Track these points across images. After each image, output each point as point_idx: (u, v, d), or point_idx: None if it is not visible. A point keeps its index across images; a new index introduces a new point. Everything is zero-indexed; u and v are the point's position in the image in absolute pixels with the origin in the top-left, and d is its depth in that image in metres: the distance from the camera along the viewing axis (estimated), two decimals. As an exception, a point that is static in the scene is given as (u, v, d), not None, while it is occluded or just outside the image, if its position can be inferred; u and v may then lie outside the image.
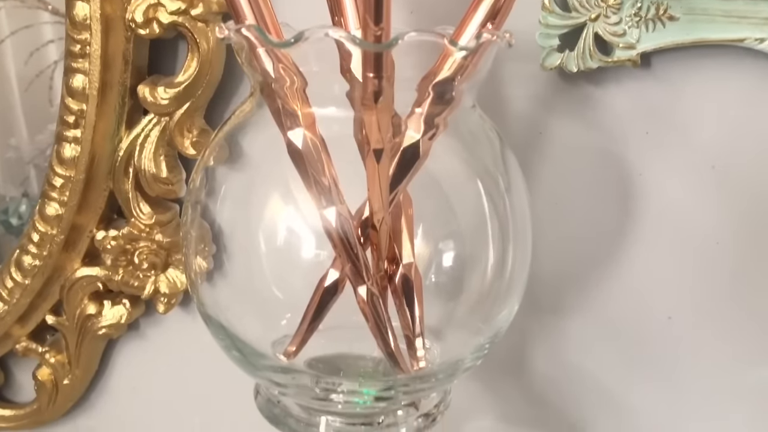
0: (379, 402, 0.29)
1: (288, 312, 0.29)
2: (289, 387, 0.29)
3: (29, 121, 0.49)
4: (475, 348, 0.31)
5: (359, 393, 0.28)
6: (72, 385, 0.50)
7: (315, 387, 0.29)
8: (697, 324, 0.42)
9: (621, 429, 0.45)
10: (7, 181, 0.51)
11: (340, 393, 0.28)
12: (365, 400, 0.28)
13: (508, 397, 0.46)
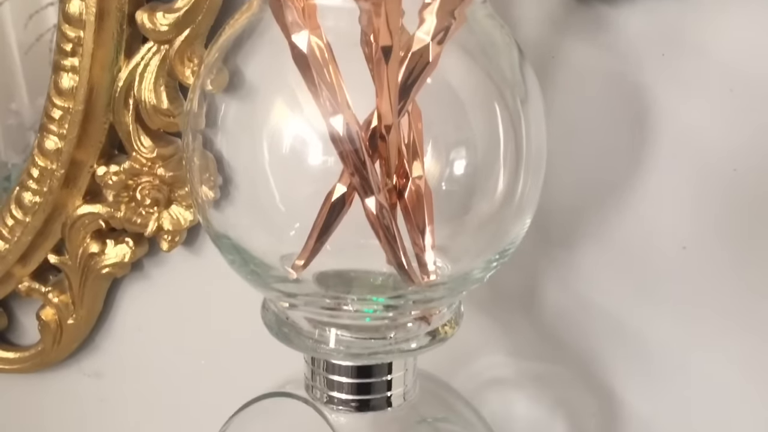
0: (389, 311, 0.28)
1: (296, 222, 0.28)
2: (299, 296, 0.28)
3: (30, 85, 0.48)
4: (484, 263, 0.30)
5: (369, 301, 0.28)
6: (76, 326, 0.50)
7: (325, 296, 0.28)
8: (713, 254, 0.41)
9: (632, 361, 0.44)
10: (8, 148, 0.50)
11: (350, 302, 0.28)
12: (375, 308, 0.27)
13: (518, 331, 0.46)
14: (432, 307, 0.29)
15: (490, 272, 0.30)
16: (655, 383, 0.44)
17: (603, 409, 0.45)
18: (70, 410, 0.56)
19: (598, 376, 0.45)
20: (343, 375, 0.30)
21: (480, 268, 0.30)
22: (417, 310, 0.29)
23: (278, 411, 0.32)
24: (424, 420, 0.35)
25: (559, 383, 0.46)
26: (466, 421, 0.36)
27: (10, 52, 0.48)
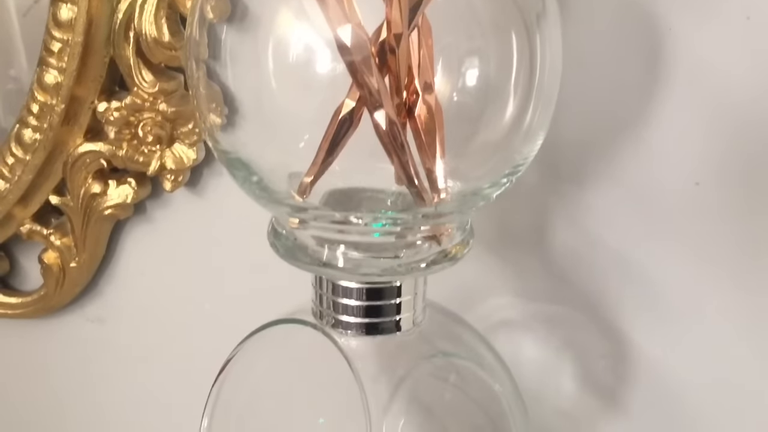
0: (398, 225, 0.27)
1: (305, 134, 0.27)
2: (309, 210, 0.27)
3: (29, 50, 0.47)
4: (495, 180, 0.29)
5: (378, 214, 0.27)
6: (79, 269, 0.49)
7: (334, 210, 0.27)
8: (727, 191, 0.40)
9: (642, 301, 0.43)
10: (8, 113, 0.49)
11: (360, 218, 0.27)
12: (384, 222, 0.27)
13: (527, 272, 0.45)
14: (441, 223, 0.28)
15: (500, 189, 0.29)
16: (665, 323, 0.43)
17: (612, 350, 0.45)
18: (73, 356, 0.55)
19: (607, 317, 0.44)
20: (352, 298, 0.29)
21: (490, 185, 0.29)
22: (426, 225, 0.28)
23: (286, 339, 0.32)
24: (436, 355, 0.34)
25: (567, 325, 0.45)
26: (480, 357, 0.35)
27: (8, 16, 0.47)
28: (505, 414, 0.36)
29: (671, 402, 0.44)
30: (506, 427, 0.36)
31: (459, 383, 0.35)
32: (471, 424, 0.36)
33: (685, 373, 0.43)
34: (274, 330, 0.31)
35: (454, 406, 0.36)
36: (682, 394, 0.44)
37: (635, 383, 0.45)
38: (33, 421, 0.58)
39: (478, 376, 0.35)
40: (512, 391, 0.36)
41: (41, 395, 0.57)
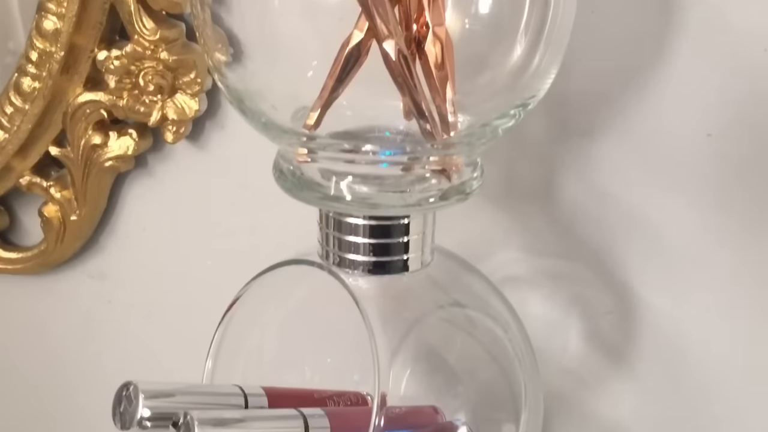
0: (407, 155, 0.26)
1: (314, 60, 0.27)
2: (318, 139, 0.27)
3: (27, 23, 0.46)
4: (505, 113, 0.28)
5: (386, 141, 0.26)
6: (80, 222, 0.49)
7: (343, 142, 0.26)
8: (741, 142, 0.39)
9: (651, 256, 0.42)
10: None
11: (369, 151, 0.26)
12: (393, 151, 0.26)
13: (534, 227, 0.44)
14: (450, 154, 0.27)
15: (510, 121, 0.29)
16: (673, 278, 0.42)
17: (619, 306, 0.44)
18: (74, 313, 0.55)
19: (614, 272, 0.44)
20: (358, 235, 0.29)
21: (499, 117, 0.28)
22: (435, 156, 0.27)
23: (292, 280, 0.31)
24: (446, 303, 0.34)
25: (574, 280, 0.45)
26: (490, 307, 0.35)
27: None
28: (515, 366, 0.36)
29: (678, 358, 0.44)
30: (516, 378, 0.36)
31: (469, 333, 0.35)
32: (481, 373, 0.36)
33: (692, 329, 0.43)
34: (281, 272, 0.31)
35: (463, 355, 0.35)
36: (689, 350, 0.43)
37: (642, 339, 0.44)
38: (33, 377, 0.58)
39: (487, 326, 0.35)
40: (523, 343, 0.36)
41: (41, 352, 0.57)
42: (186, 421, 0.27)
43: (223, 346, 0.33)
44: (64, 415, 0.58)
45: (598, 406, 0.46)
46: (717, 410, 0.43)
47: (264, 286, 0.32)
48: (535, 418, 0.37)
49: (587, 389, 0.46)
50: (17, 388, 0.59)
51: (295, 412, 0.30)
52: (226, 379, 0.32)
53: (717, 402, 0.43)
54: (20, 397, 0.59)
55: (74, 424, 0.58)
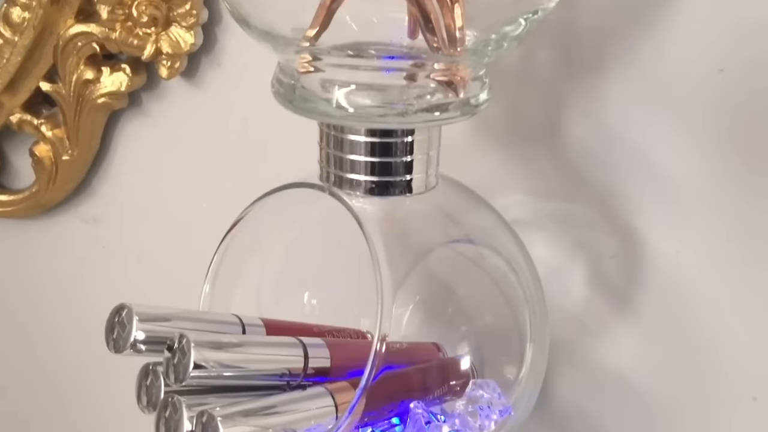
0: (411, 59, 0.25)
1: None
2: (320, 47, 0.25)
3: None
4: (513, 21, 0.27)
5: (390, 48, 0.25)
6: (72, 163, 0.47)
7: (346, 49, 0.25)
8: (752, 78, 0.38)
9: (658, 198, 0.41)
10: None
11: (373, 55, 0.25)
12: (397, 56, 0.25)
13: (538, 168, 0.43)
14: (455, 62, 0.26)
15: (518, 29, 0.27)
16: (680, 222, 0.42)
17: (624, 249, 0.43)
18: (68, 258, 0.54)
19: (620, 215, 0.43)
20: (360, 153, 0.28)
21: (507, 24, 0.27)
22: (440, 64, 0.26)
23: (293, 204, 0.30)
24: (454, 236, 0.33)
25: (579, 223, 0.44)
26: (500, 242, 0.34)
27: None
28: (522, 305, 0.35)
29: (683, 303, 0.43)
30: (523, 318, 0.35)
31: (476, 268, 0.34)
32: (486, 311, 0.35)
33: (697, 274, 0.42)
34: (282, 196, 0.29)
35: (469, 292, 0.34)
36: (694, 296, 0.42)
37: (646, 284, 0.43)
38: (26, 322, 0.57)
39: (496, 263, 0.34)
40: (532, 282, 0.35)
41: (34, 297, 0.56)
42: (182, 344, 0.27)
43: (221, 272, 0.32)
44: (57, 360, 0.57)
45: (601, 352, 0.45)
46: (720, 357, 0.43)
47: (265, 211, 0.30)
48: (540, 360, 0.36)
49: (590, 335, 0.45)
50: (10, 333, 0.58)
51: (295, 341, 0.30)
52: (224, 307, 0.32)
53: (720, 348, 0.42)
54: (13, 342, 0.58)
55: (67, 369, 0.57)
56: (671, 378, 0.44)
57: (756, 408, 0.42)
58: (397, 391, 0.30)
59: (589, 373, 0.45)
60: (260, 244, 0.32)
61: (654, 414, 0.45)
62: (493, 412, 0.31)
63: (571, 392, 0.46)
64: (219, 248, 0.32)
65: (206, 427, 0.25)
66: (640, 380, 0.45)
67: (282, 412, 0.26)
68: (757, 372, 0.42)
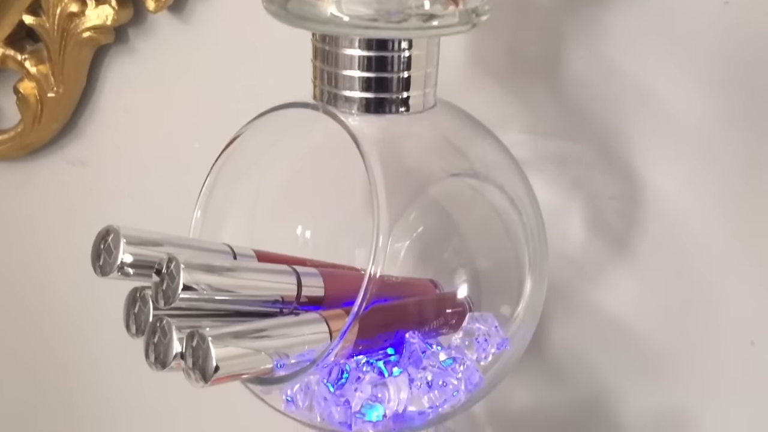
0: None
1: None
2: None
3: None
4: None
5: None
6: (58, 100, 0.46)
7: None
8: (760, 9, 0.37)
9: (659, 137, 0.40)
10: None
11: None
12: None
13: (537, 105, 0.42)
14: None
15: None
16: (681, 162, 0.41)
17: (624, 190, 0.42)
18: (56, 201, 0.53)
19: (620, 154, 0.42)
20: (354, 68, 0.26)
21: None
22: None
23: (288, 126, 0.29)
24: (452, 168, 0.32)
25: (578, 163, 0.43)
26: (501, 173, 0.32)
27: None
28: (522, 243, 0.34)
29: (682, 247, 0.42)
30: (522, 257, 0.34)
31: (478, 202, 0.33)
32: (485, 246, 0.34)
33: (698, 216, 0.41)
34: (275, 119, 0.28)
35: (468, 225, 0.33)
36: (694, 239, 0.42)
37: (645, 226, 0.42)
38: (13, 268, 0.56)
39: (496, 195, 0.33)
40: (534, 217, 0.34)
41: (21, 242, 0.55)
42: (171, 266, 0.26)
43: (212, 198, 0.31)
44: (46, 306, 0.56)
45: (598, 297, 0.44)
46: (718, 301, 0.42)
47: (258, 134, 0.29)
48: (538, 296, 0.35)
49: (587, 279, 0.44)
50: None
51: (288, 269, 0.29)
52: (214, 236, 0.31)
53: (719, 293, 0.42)
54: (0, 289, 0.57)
55: (55, 315, 0.56)
56: (669, 323, 0.43)
57: (753, 352, 0.42)
58: (391, 321, 0.29)
59: (585, 318, 0.45)
60: (253, 169, 0.31)
61: (651, 359, 0.44)
62: (490, 344, 0.31)
63: (567, 338, 0.45)
64: (210, 173, 0.31)
65: (197, 347, 0.24)
66: (637, 325, 0.44)
67: (274, 336, 0.25)
68: (755, 316, 0.42)
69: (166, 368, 0.25)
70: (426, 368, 0.27)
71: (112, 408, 0.58)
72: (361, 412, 0.26)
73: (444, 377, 0.27)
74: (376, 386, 0.26)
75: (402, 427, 0.28)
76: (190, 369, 0.24)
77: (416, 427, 0.28)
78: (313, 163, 0.31)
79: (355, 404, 0.27)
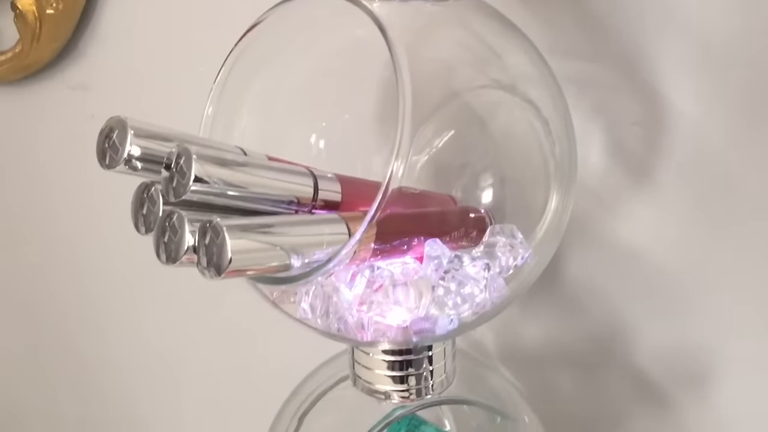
0: None
1: None
2: None
3: None
4: None
5: None
6: (57, 17, 0.44)
7: None
8: None
9: (685, 56, 0.39)
10: None
11: None
12: None
13: (558, 22, 0.40)
14: None
15: None
16: (710, 84, 0.39)
17: (647, 115, 0.41)
18: (56, 127, 0.51)
19: (644, 76, 0.40)
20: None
21: None
22: None
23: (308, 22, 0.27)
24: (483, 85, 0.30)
25: (600, 86, 0.41)
26: (528, 78, 0.31)
27: None
28: (548, 160, 0.32)
29: (706, 176, 0.41)
30: (548, 175, 0.32)
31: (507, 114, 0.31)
32: (510, 160, 0.32)
33: (724, 143, 0.39)
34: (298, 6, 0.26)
35: (498, 137, 0.32)
36: (718, 167, 0.40)
37: (668, 154, 0.41)
38: (14, 194, 0.54)
39: (524, 106, 0.31)
40: (564, 129, 0.32)
41: (19, 171, 0.53)
42: (181, 161, 0.24)
43: (225, 93, 0.29)
44: (47, 229, 0.55)
45: (615, 227, 0.43)
46: (741, 231, 0.41)
47: (278, 24, 0.27)
48: (562, 216, 0.34)
49: (605, 209, 0.43)
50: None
51: (304, 170, 0.27)
52: (225, 135, 0.29)
53: (741, 224, 0.40)
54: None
55: (55, 247, 0.55)
56: (688, 255, 0.42)
57: (775, 285, 0.41)
58: (411, 229, 0.28)
59: (601, 249, 0.44)
60: (271, 64, 0.29)
61: (668, 292, 0.43)
62: (512, 256, 0.29)
63: (583, 270, 0.44)
64: (224, 66, 0.29)
65: (211, 240, 0.23)
66: (656, 257, 0.43)
67: (292, 233, 0.24)
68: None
69: (177, 263, 0.23)
70: (449, 272, 0.26)
71: (108, 342, 0.57)
72: (380, 317, 0.25)
73: (467, 283, 0.26)
74: (396, 289, 0.25)
75: (422, 336, 0.27)
76: (203, 261, 0.23)
77: (437, 336, 0.27)
78: (333, 59, 0.29)
79: (373, 309, 0.25)
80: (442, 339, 0.28)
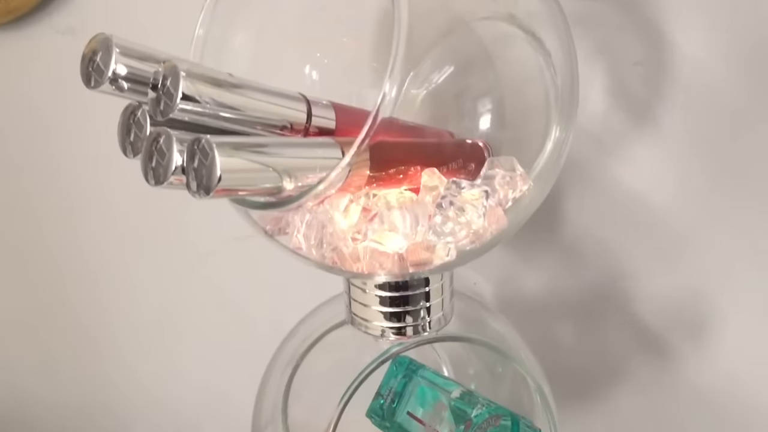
0: None
1: None
2: None
3: None
4: None
5: None
6: (43, -44, 0.43)
7: None
8: None
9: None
10: None
11: None
12: None
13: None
14: None
15: None
16: (715, 21, 0.38)
17: (650, 55, 0.40)
18: (45, 73, 0.50)
19: (648, 14, 0.39)
20: None
21: None
22: None
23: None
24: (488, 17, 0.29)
25: (603, 24, 0.40)
26: (541, 28, 0.30)
27: None
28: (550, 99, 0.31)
29: (709, 118, 0.40)
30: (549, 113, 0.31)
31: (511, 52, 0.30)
32: (509, 100, 0.31)
33: (727, 84, 0.39)
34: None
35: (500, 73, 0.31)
36: (722, 109, 0.39)
37: (671, 95, 0.40)
38: (11, 142, 0.53)
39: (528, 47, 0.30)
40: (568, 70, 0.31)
41: (6, 118, 0.52)
42: (168, 81, 0.23)
43: (216, 14, 0.28)
44: (41, 181, 0.53)
45: (616, 171, 0.42)
46: (744, 175, 0.40)
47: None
48: (561, 148, 0.33)
49: (606, 153, 0.42)
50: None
51: (298, 95, 0.26)
52: (216, 62, 0.28)
53: (743, 166, 0.40)
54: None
55: (46, 194, 0.54)
56: (690, 200, 0.41)
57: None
58: (406, 157, 0.27)
59: (601, 194, 0.43)
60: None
61: (668, 238, 0.42)
62: (511, 189, 0.28)
63: (582, 214, 0.43)
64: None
65: (200, 162, 0.22)
66: (657, 202, 0.42)
67: (285, 155, 0.23)
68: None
69: (165, 184, 0.22)
70: (446, 197, 0.25)
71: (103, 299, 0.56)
72: (376, 243, 0.24)
73: (465, 209, 0.25)
74: (392, 213, 0.24)
75: (419, 268, 0.26)
76: (192, 183, 0.22)
77: (435, 267, 0.26)
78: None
79: (368, 237, 0.25)
80: (439, 271, 0.28)
